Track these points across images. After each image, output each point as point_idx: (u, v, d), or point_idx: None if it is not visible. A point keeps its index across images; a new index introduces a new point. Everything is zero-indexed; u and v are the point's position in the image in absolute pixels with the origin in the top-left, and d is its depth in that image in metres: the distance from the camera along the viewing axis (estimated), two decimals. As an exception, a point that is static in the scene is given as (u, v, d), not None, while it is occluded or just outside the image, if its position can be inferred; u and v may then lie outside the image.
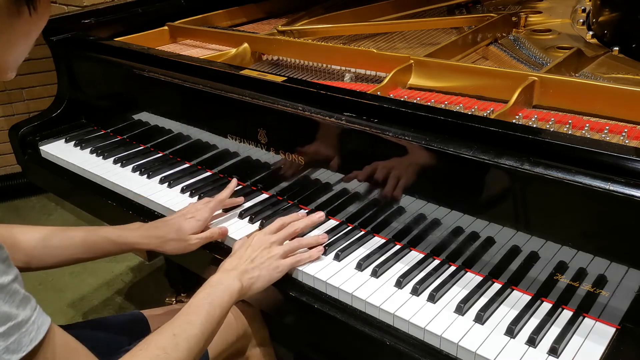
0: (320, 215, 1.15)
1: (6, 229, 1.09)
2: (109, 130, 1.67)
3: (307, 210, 1.23)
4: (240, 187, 1.34)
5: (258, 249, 1.04)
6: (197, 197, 1.30)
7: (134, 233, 1.14)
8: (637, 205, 0.78)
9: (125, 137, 1.63)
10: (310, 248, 1.08)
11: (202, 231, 1.15)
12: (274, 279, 1.03)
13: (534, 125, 1.05)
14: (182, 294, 2.05)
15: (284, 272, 1.03)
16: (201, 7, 1.86)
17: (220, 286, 0.96)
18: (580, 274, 0.89)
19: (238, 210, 1.24)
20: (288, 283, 1.05)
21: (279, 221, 1.11)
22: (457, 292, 0.98)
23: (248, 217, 1.21)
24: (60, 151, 1.59)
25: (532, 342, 0.86)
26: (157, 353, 0.81)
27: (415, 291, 0.97)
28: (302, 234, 1.13)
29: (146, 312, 1.27)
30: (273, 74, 1.27)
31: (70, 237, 1.12)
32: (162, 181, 1.38)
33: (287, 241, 1.08)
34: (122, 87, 1.60)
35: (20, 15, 0.71)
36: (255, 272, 1.00)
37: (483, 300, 0.95)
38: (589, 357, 0.83)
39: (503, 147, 0.91)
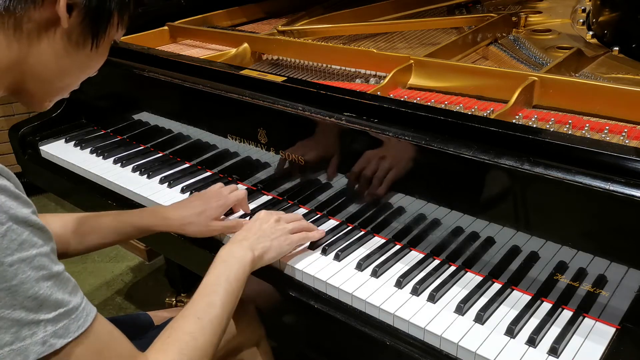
0: (322, 233, 1.13)
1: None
2: (109, 130, 1.67)
3: (307, 211, 1.23)
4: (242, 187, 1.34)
5: (267, 222, 1.06)
6: (197, 197, 1.30)
7: (155, 215, 1.15)
8: (637, 205, 0.78)
9: (125, 137, 1.63)
10: None
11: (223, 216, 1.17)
12: (285, 252, 1.05)
13: (534, 125, 1.05)
14: (182, 294, 2.05)
15: (293, 245, 1.06)
16: (201, 7, 1.86)
17: (233, 259, 0.96)
18: (580, 274, 0.89)
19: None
20: (288, 282, 1.05)
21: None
22: (457, 292, 0.98)
23: (248, 217, 1.21)
24: (60, 151, 1.59)
25: (532, 342, 0.86)
26: (186, 339, 0.82)
27: (415, 291, 0.97)
28: None
29: (152, 314, 1.27)
30: (273, 74, 1.27)
31: (100, 224, 1.14)
32: (162, 181, 1.38)
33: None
34: (122, 87, 1.60)
35: (84, 46, 0.77)
36: (266, 242, 1.02)
37: (483, 300, 0.95)
38: (589, 357, 0.83)
39: (503, 147, 0.91)
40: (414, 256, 1.07)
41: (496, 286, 0.98)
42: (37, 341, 0.65)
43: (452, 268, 1.03)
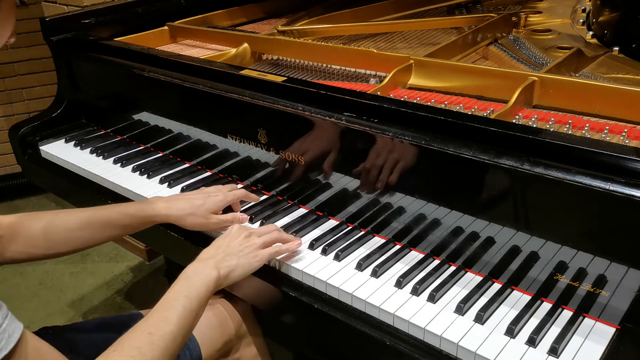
0: (298, 243, 1.10)
1: (14, 218, 1.11)
2: (109, 130, 1.67)
3: (307, 211, 1.23)
4: (240, 187, 1.33)
5: (237, 238, 1.04)
6: (197, 197, 1.30)
7: (154, 205, 1.15)
8: (637, 205, 0.78)
9: (125, 137, 1.63)
10: None
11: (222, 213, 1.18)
12: (254, 268, 1.02)
13: (534, 125, 1.05)
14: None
15: (262, 261, 1.03)
16: (201, 7, 1.86)
17: (197, 277, 0.95)
18: (580, 274, 0.89)
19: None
20: (288, 283, 1.05)
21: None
22: (457, 292, 0.98)
23: (248, 217, 1.21)
24: (60, 151, 1.59)
25: (532, 342, 0.86)
26: (132, 354, 0.79)
27: (415, 291, 0.97)
28: None
29: (145, 312, 1.26)
30: (273, 74, 1.27)
31: (77, 218, 1.12)
32: (162, 181, 1.38)
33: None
34: (122, 87, 1.60)
35: None
36: (233, 261, 0.99)
37: (483, 300, 0.95)
38: (589, 357, 0.83)
39: (503, 147, 0.91)
40: (414, 256, 1.07)
41: (496, 286, 0.98)
42: None
43: (452, 268, 1.03)
